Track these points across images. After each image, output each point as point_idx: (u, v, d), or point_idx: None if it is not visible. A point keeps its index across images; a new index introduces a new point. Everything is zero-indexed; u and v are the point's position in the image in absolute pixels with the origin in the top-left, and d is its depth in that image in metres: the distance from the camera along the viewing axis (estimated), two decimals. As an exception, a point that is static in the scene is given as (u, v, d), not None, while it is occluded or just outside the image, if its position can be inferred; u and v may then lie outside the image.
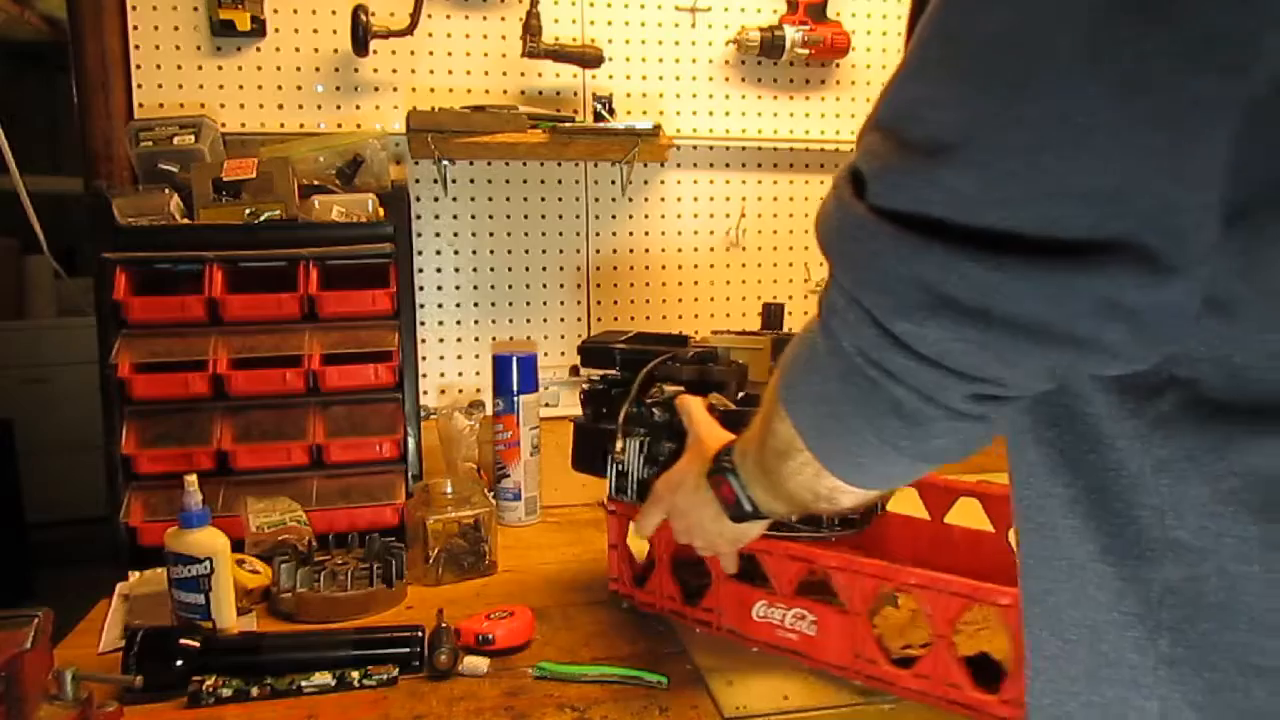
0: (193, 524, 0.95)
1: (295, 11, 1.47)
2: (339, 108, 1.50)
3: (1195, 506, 0.39)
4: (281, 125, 1.48)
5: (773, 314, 1.38)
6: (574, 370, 1.59)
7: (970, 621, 0.84)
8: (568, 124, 1.46)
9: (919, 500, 1.07)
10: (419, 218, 1.53)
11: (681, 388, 0.92)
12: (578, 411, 1.07)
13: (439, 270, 1.56)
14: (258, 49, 1.47)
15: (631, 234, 1.63)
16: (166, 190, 1.31)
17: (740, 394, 0.98)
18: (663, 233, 1.64)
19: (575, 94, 1.58)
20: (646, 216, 1.63)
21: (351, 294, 1.32)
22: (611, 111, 1.54)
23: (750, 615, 0.89)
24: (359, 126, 1.51)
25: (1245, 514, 0.38)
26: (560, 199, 1.60)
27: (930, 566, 0.79)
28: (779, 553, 0.85)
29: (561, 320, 1.61)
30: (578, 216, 1.60)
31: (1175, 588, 0.40)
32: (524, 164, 1.57)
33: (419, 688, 0.87)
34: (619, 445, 0.93)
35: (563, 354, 1.62)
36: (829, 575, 0.82)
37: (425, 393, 1.52)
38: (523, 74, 1.55)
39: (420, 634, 0.91)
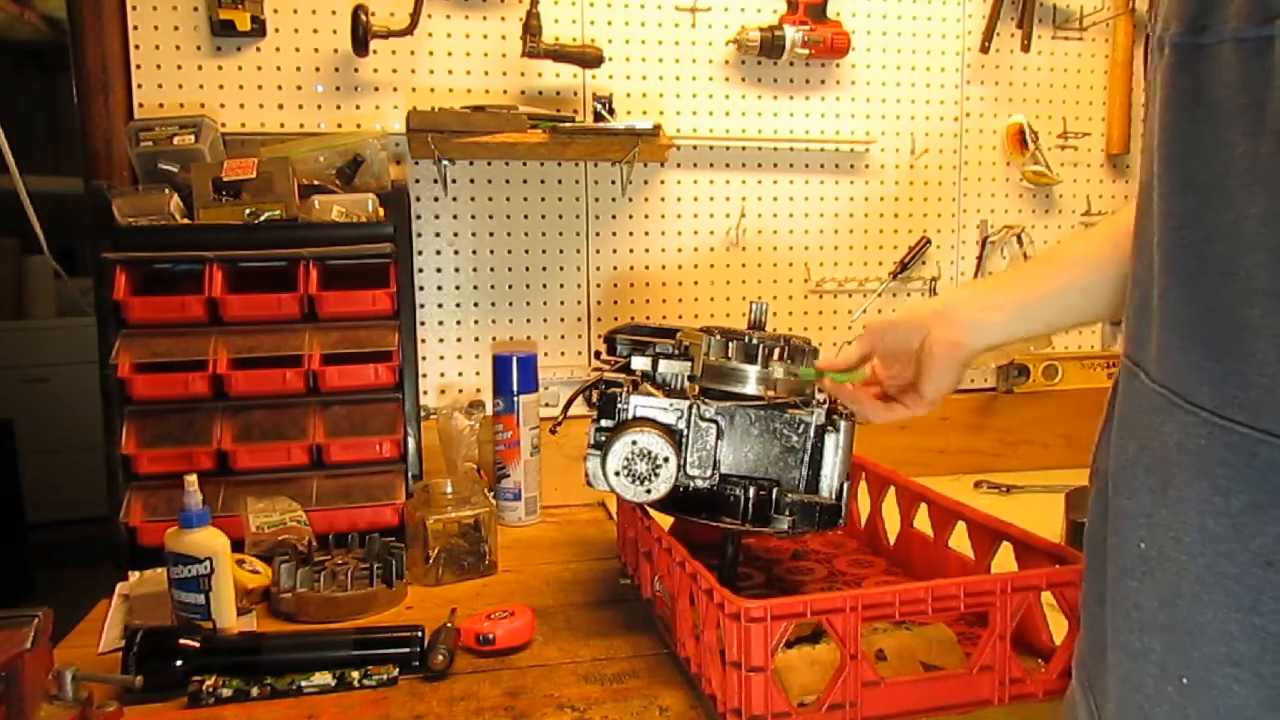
0: (193, 524, 0.95)
1: (295, 11, 1.47)
2: (339, 108, 1.50)
3: None
4: (281, 125, 1.48)
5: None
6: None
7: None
8: (568, 124, 1.46)
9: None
10: (419, 218, 1.53)
11: None
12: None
13: (439, 270, 1.56)
14: (258, 49, 1.47)
15: (631, 234, 1.63)
16: (166, 190, 1.31)
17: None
18: (663, 232, 1.64)
19: (575, 94, 1.58)
20: (646, 216, 1.63)
21: (351, 294, 1.32)
22: (611, 111, 1.54)
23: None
24: (359, 126, 1.51)
25: None
26: (560, 199, 1.59)
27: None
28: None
29: (561, 320, 1.61)
30: (578, 216, 1.60)
31: None
32: (524, 164, 1.57)
33: (419, 688, 0.87)
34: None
35: (562, 354, 1.62)
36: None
37: (425, 393, 1.52)
38: (523, 74, 1.55)
39: (420, 634, 0.91)
